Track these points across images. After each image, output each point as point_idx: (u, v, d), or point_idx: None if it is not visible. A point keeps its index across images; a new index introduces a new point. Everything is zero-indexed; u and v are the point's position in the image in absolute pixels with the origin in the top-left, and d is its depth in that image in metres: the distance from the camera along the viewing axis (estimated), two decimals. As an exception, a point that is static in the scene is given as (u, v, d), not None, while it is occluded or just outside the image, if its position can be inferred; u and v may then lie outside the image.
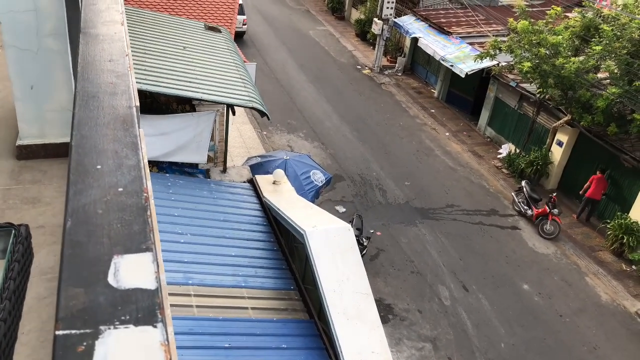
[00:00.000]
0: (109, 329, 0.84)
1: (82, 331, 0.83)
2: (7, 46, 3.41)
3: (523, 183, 15.33)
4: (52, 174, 3.70)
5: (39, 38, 3.39)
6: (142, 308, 0.88)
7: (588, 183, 14.72)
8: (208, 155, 10.36)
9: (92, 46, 1.77)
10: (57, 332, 0.81)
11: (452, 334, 11.26)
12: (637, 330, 11.99)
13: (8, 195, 3.45)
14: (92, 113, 1.38)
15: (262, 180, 9.69)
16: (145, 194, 1.14)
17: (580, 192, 14.94)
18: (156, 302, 0.89)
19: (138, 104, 1.56)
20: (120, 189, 1.13)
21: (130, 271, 0.95)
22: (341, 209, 14.50)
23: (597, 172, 14.67)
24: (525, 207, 14.96)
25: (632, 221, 13.75)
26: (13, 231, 1.51)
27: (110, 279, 0.93)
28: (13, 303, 1.25)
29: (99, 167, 1.19)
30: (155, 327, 0.85)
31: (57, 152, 3.82)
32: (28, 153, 3.76)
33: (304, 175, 11.76)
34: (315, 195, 11.80)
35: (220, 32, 11.51)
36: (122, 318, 0.86)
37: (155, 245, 1.01)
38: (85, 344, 0.80)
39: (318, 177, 11.96)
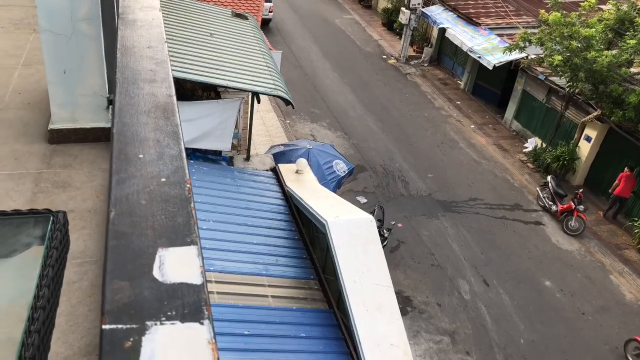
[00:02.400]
0: (156, 324, 0.82)
1: (128, 326, 0.81)
2: (42, 30, 3.44)
3: (548, 178, 15.06)
4: (83, 158, 3.73)
5: (73, 22, 3.41)
6: (189, 304, 0.86)
7: (617, 181, 14.39)
8: (232, 143, 10.39)
9: (130, 32, 1.76)
10: (103, 327, 0.80)
11: (471, 328, 11.18)
12: (662, 332, 11.74)
13: (40, 179, 3.50)
14: (133, 100, 1.36)
15: (284, 169, 9.68)
16: (188, 185, 1.12)
17: (610, 191, 14.62)
18: (202, 298, 0.88)
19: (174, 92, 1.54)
20: (163, 179, 1.12)
21: (176, 265, 0.93)
22: (363, 200, 14.45)
23: (626, 170, 14.32)
24: (550, 203, 14.71)
25: (660, 221, 13.43)
26: (51, 218, 1.52)
27: (156, 273, 0.91)
28: (52, 290, 1.25)
29: (141, 156, 1.17)
30: (202, 324, 0.83)
31: (88, 136, 3.85)
32: (60, 137, 3.80)
33: (326, 165, 11.73)
34: (337, 185, 11.77)
35: (247, 19, 11.48)
36: (169, 314, 0.84)
37: (199, 239, 1.00)
38: (132, 339, 0.79)
39: (340, 167, 11.92)
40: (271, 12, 24.14)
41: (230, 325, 6.44)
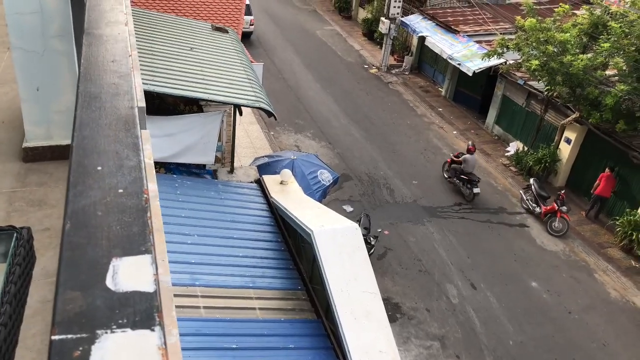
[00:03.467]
0: (106, 333, 0.82)
1: (78, 336, 0.81)
2: (14, 48, 3.42)
3: (531, 181, 15.23)
4: (58, 176, 3.71)
5: (44, 39, 3.40)
6: (140, 311, 0.86)
7: (598, 181, 14.61)
8: (215, 156, 10.37)
9: (95, 47, 1.76)
10: (53, 337, 0.80)
11: (460, 332, 11.21)
12: (648, 328, 11.87)
13: (14, 198, 3.46)
14: (94, 114, 1.37)
15: (269, 180, 9.67)
16: (145, 195, 1.12)
17: (591, 191, 14.83)
18: (154, 305, 0.88)
19: (143, 104, 1.55)
20: (121, 190, 1.12)
21: (129, 274, 0.93)
22: (349, 209, 14.48)
23: (606, 170, 14.55)
24: (534, 205, 14.86)
25: (641, 218, 13.64)
26: (15, 234, 1.51)
27: (109, 282, 0.92)
28: (14, 307, 1.24)
29: (99, 168, 1.18)
30: (152, 330, 0.84)
31: (63, 154, 3.83)
32: (34, 155, 3.77)
33: (311, 175, 11.75)
34: (322, 194, 11.79)
35: (228, 32, 11.52)
36: (120, 322, 0.84)
37: (155, 247, 1.00)
38: (81, 348, 0.79)
39: (325, 177, 11.94)
40: (252, 25, 24.24)
41: (219, 339, 6.40)
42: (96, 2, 2.33)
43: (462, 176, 15.30)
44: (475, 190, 15.06)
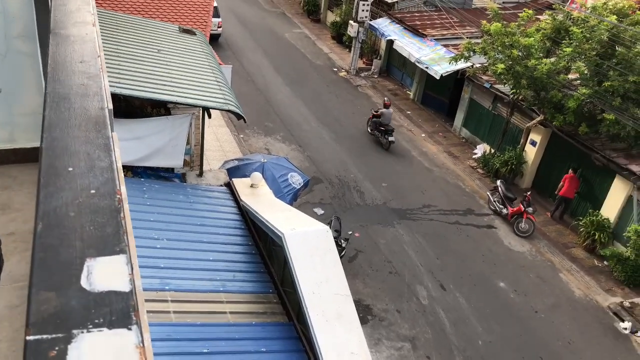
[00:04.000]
0: (82, 332, 0.82)
1: (54, 336, 0.81)
2: (-26, 49, 3.33)
3: (498, 182, 15.57)
4: (23, 179, 3.62)
5: (7, 40, 3.32)
6: (116, 311, 0.86)
7: (562, 182, 15.04)
8: (184, 159, 10.26)
9: (62, 47, 1.74)
10: (27, 338, 0.79)
11: (431, 332, 11.36)
12: (609, 324, 12.27)
13: (-23, 202, 3.36)
14: (63, 115, 1.35)
15: (239, 183, 9.62)
16: (118, 196, 1.12)
17: (556, 192, 15.25)
18: (130, 305, 0.88)
19: (111, 106, 1.53)
20: (93, 191, 1.11)
21: (104, 274, 0.93)
22: (319, 211, 14.51)
23: (570, 171, 15.00)
24: (501, 206, 15.19)
25: (603, 218, 14.10)
26: (-18, 237, 1.47)
27: (84, 282, 0.91)
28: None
29: (70, 169, 1.16)
30: (130, 329, 0.83)
31: (28, 156, 3.73)
32: (-3, 158, 3.67)
33: (281, 178, 11.73)
34: (293, 197, 11.78)
35: (195, 34, 11.42)
36: (96, 321, 0.84)
37: (130, 248, 1.00)
38: (57, 348, 0.78)
39: (296, 180, 11.95)
40: (220, 27, 24.07)
41: (190, 344, 6.32)
42: (62, 1, 2.29)
43: (381, 127, 17.84)
44: (390, 138, 17.53)
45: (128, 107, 10.11)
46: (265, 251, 8.22)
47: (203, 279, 7.38)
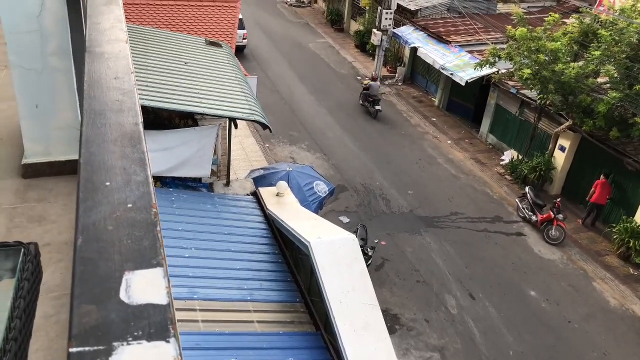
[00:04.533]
0: (122, 345, 0.84)
1: (95, 348, 0.83)
2: (13, 66, 3.45)
3: (527, 189, 15.30)
4: (58, 191, 3.72)
5: (43, 57, 3.43)
6: (154, 323, 0.88)
7: (593, 188, 14.69)
8: (211, 169, 10.39)
9: (97, 64, 1.79)
10: (70, 350, 0.82)
11: (460, 342, 11.19)
12: (646, 335, 11.89)
13: (14, 214, 3.47)
14: (100, 130, 1.39)
15: (265, 192, 9.69)
16: (154, 210, 1.14)
17: (587, 198, 14.90)
18: (168, 317, 0.90)
19: (141, 119, 1.57)
20: (130, 205, 1.14)
21: (142, 287, 0.95)
22: (345, 220, 14.49)
23: (601, 177, 14.65)
24: (530, 213, 14.92)
25: (637, 225, 13.71)
26: (22, 249, 1.52)
27: (122, 295, 0.93)
28: (23, 322, 1.25)
29: (107, 183, 1.20)
30: (167, 342, 0.85)
31: (62, 169, 3.84)
32: (33, 171, 3.78)
33: (307, 187, 11.77)
34: (318, 206, 11.80)
35: (221, 46, 11.59)
36: (135, 334, 0.86)
37: (165, 261, 1.02)
38: (99, 360, 0.81)
39: (321, 188, 11.97)
40: (245, 38, 24.39)
41: (217, 353, 6.37)
42: (96, 20, 2.36)
43: (369, 98, 20.13)
44: (377, 107, 19.94)
45: (156, 119, 10.30)
46: (291, 260, 8.24)
47: (230, 288, 7.44)
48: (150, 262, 1.00)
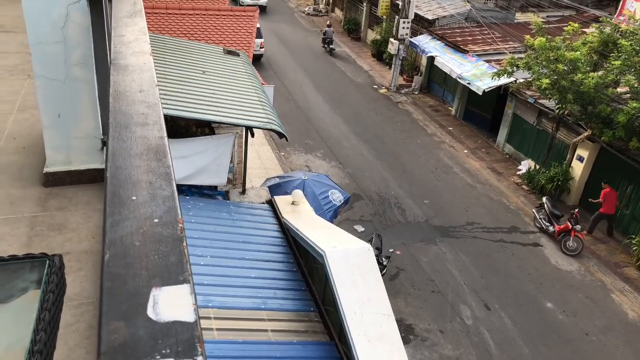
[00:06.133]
0: (151, 363, 0.84)
1: (124, 365, 0.83)
2: (37, 76, 3.51)
3: (544, 199, 15.13)
4: (78, 200, 3.76)
5: (66, 68, 3.49)
6: (182, 341, 0.88)
7: (601, 199, 14.46)
8: (227, 177, 10.43)
9: (122, 77, 1.82)
10: (100, 367, 0.82)
11: (475, 354, 11.04)
12: (667, 350, 11.62)
13: (35, 223, 3.52)
14: (125, 144, 1.40)
15: (280, 201, 9.71)
16: (180, 225, 1.15)
17: (602, 211, 14.65)
18: (196, 335, 0.90)
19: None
20: (156, 220, 1.15)
21: (169, 303, 0.95)
22: (360, 229, 14.44)
23: (604, 186, 14.48)
24: (547, 224, 14.73)
25: (658, 237, 13.46)
26: (47, 261, 1.54)
27: (150, 312, 0.94)
28: (49, 334, 1.27)
29: (134, 198, 1.21)
30: (195, 360, 0.85)
31: (82, 178, 3.89)
32: (54, 180, 3.84)
33: (322, 195, 11.77)
34: (334, 215, 11.78)
35: (239, 55, 11.69)
36: (163, 352, 0.86)
37: (191, 277, 1.03)
38: (128, 378, 0.81)
39: (336, 197, 11.95)
40: (262, 47, 24.57)
41: (231, 362, 6.37)
42: (120, 32, 2.40)
43: (326, 40, 27.30)
44: (331, 46, 27.21)
45: (174, 127, 10.40)
46: (306, 269, 8.23)
47: (245, 296, 7.44)
48: (177, 278, 1.00)
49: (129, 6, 2.72)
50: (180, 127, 10.54)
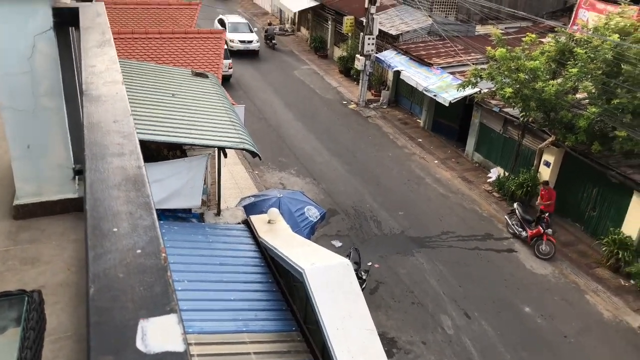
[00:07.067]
0: (143, 395, 0.84)
1: (116, 400, 0.83)
2: (4, 108, 3.45)
3: (515, 205, 15.44)
4: (51, 231, 3.69)
5: (35, 98, 3.44)
6: (173, 372, 0.89)
7: (550, 201, 14.85)
8: (201, 199, 10.35)
9: (95, 108, 1.82)
10: (92, 403, 0.82)
11: (458, 363, 11.10)
12: (642, 346, 11.91)
13: (6, 257, 3.43)
14: (103, 175, 1.40)
15: (257, 220, 9.66)
16: (163, 254, 1.16)
17: (543, 208, 15.00)
18: (186, 365, 0.91)
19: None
20: (139, 251, 1.15)
21: (158, 335, 0.96)
22: (337, 243, 14.46)
23: (547, 187, 14.98)
24: (520, 229, 15.02)
25: (625, 236, 13.86)
26: (26, 298, 1.51)
27: (139, 344, 0.94)
28: (31, 373, 1.24)
29: (115, 230, 1.21)
30: (188, 390, 0.86)
31: (55, 209, 3.82)
32: (25, 212, 3.75)
33: (298, 212, 11.76)
34: (310, 231, 11.78)
35: (208, 77, 11.68)
36: (155, 383, 0.87)
37: (178, 306, 1.03)
38: (121, 412, 0.81)
39: (312, 213, 11.96)
40: (231, 68, 24.60)
41: (214, 387, 6.26)
42: (90, 62, 2.40)
43: (267, 37, 30.94)
44: (273, 41, 30.92)
45: (144, 151, 10.28)
46: (286, 288, 8.19)
47: (225, 320, 7.36)
48: (163, 308, 1.01)
49: (98, 36, 2.72)
50: (152, 151, 10.43)
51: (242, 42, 28.89)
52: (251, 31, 30.07)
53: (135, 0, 17.75)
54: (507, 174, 17.59)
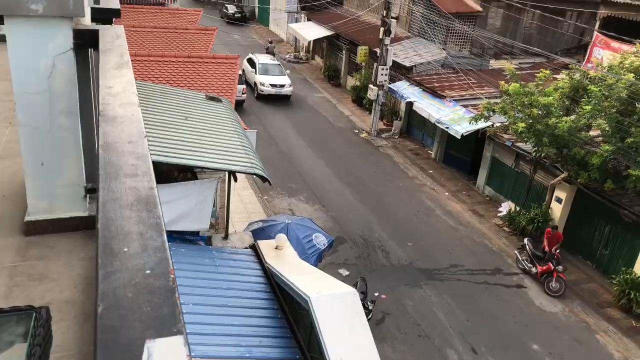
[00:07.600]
0: (146, 418, 0.84)
1: (119, 421, 0.82)
2: (21, 125, 3.52)
3: (525, 240, 15.27)
4: (60, 249, 3.71)
5: (51, 117, 3.51)
6: (178, 394, 0.88)
7: (557, 244, 14.70)
8: (210, 222, 10.36)
9: (111, 128, 1.85)
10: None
11: (464, 401, 10.84)
12: (655, 391, 11.56)
13: (15, 273, 3.45)
14: (116, 195, 1.42)
15: (264, 245, 9.64)
16: (172, 276, 1.16)
17: (544, 246, 14.86)
18: (191, 387, 0.90)
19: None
20: (148, 271, 1.16)
21: (164, 355, 0.95)
22: (344, 272, 14.34)
23: (554, 231, 14.83)
24: (530, 265, 14.82)
25: (637, 276, 13.61)
26: (34, 314, 1.52)
27: (144, 365, 0.94)
28: (35, 389, 1.24)
29: (125, 249, 1.22)
30: (191, 413, 0.85)
31: (65, 226, 3.85)
32: (36, 228, 3.78)
33: (306, 239, 11.72)
34: (318, 258, 11.71)
35: (221, 101, 11.83)
36: (158, 406, 0.86)
37: (185, 328, 1.03)
38: None
39: (320, 241, 11.91)
40: (244, 93, 24.92)
41: (214, 414, 6.16)
42: (108, 83, 2.45)
43: (268, 52, 32.21)
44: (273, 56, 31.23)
45: (155, 173, 10.36)
46: (291, 315, 8.10)
47: (229, 345, 7.28)
48: (170, 329, 1.01)
49: (117, 58, 2.78)
50: (162, 172, 10.51)
51: (273, 85, 26.47)
52: (283, 74, 27.40)
53: (154, 24, 18.17)
54: (518, 208, 17.46)
